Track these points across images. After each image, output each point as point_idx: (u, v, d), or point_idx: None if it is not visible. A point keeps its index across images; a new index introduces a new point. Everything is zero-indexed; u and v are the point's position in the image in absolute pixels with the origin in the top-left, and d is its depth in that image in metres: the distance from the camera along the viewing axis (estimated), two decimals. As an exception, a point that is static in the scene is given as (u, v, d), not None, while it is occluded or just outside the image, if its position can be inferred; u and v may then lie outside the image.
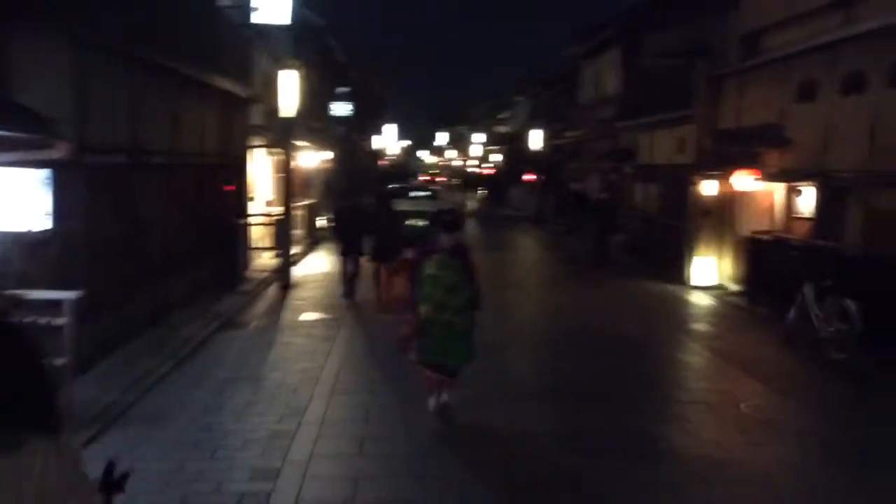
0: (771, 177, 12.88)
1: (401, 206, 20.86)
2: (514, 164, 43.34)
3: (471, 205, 39.60)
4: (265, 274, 15.19)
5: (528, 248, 23.13)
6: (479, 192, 46.75)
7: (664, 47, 22.14)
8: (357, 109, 38.22)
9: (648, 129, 20.76)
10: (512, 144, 47.49)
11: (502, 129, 61.02)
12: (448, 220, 7.10)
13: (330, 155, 27.72)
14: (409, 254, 8.29)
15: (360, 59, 44.58)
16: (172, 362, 8.70)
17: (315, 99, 27.24)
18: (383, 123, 55.39)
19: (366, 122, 45.44)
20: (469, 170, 66.86)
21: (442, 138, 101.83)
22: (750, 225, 14.04)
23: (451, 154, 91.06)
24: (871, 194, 10.46)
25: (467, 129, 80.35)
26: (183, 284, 11.70)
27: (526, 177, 37.51)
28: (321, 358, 9.18)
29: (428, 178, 62.29)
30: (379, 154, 55.18)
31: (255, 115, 16.65)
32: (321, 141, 26.91)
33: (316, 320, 11.45)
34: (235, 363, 8.90)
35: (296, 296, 13.51)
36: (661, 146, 19.63)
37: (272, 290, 14.01)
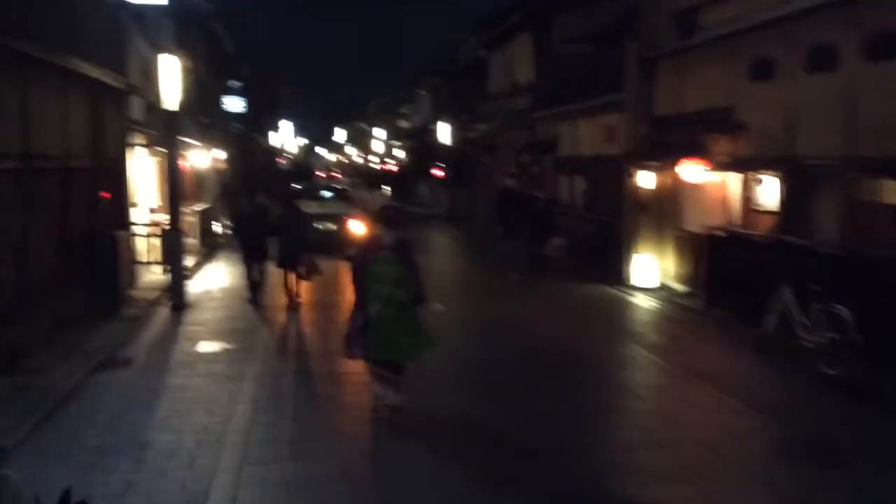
0: (723, 166, 11.69)
1: (308, 207, 18.95)
2: (420, 160, 41.76)
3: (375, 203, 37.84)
4: (155, 293, 13.07)
5: (448, 252, 21.53)
6: (382, 189, 44.96)
7: (577, 31, 21.03)
8: (251, 105, 35.81)
9: (569, 119, 19.51)
10: (416, 139, 45.89)
11: (404, 123, 59.36)
12: (390, 216, 7.18)
13: (224, 154, 25.41)
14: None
15: (251, 53, 42.15)
16: (28, 425, 6.68)
17: (205, 93, 24.89)
18: (279, 120, 52.89)
19: (261, 118, 42.94)
20: (371, 166, 64.94)
21: (340, 135, 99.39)
22: (697, 219, 12.87)
23: (351, 151, 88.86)
24: (849, 183, 9.32)
25: (367, 125, 78.31)
26: (46, 315, 9.56)
27: (434, 172, 35.97)
28: (225, 408, 7.31)
29: (324, 174, 60.08)
30: (277, 152, 52.65)
31: (135, 110, 14.44)
32: (214, 139, 24.60)
33: (217, 352, 9.51)
34: (112, 421, 6.93)
35: (191, 319, 11.49)
36: (585, 136, 18.40)
37: (162, 314, 11.93)
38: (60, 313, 9.97)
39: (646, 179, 14.06)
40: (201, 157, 20.68)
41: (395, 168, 53.53)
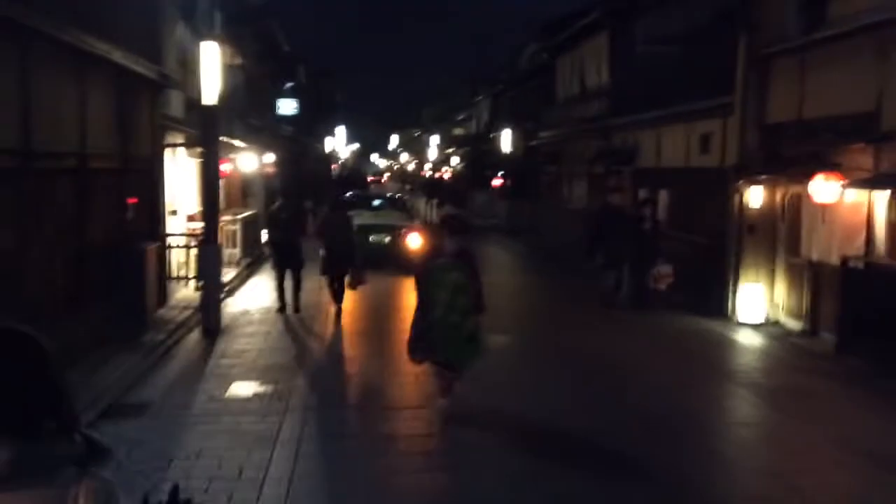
0: (866, 183, 9.63)
1: (360, 218, 17.27)
2: (477, 168, 39.98)
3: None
4: (187, 313, 11.47)
5: (512, 271, 19.56)
6: (437, 198, 43.21)
7: (665, 31, 19.03)
8: (305, 108, 34.43)
9: (652, 126, 17.51)
10: (473, 146, 44.13)
11: (459, 130, 57.69)
12: (454, 224, 7.59)
13: (274, 158, 23.93)
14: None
15: (306, 55, 40.85)
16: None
17: (255, 93, 23.46)
18: (334, 125, 51.65)
19: (315, 122, 41.63)
20: (425, 174, 63.41)
21: (394, 141, 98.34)
22: (822, 245, 10.81)
23: (404, 158, 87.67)
24: None
25: (421, 132, 76.91)
26: (55, 342, 7.95)
27: (493, 181, 34.10)
28: (250, 486, 5.56)
29: (373, 179, 58.76)
30: (330, 158, 51.37)
31: (174, 105, 12.91)
32: (264, 141, 23.14)
33: (249, 397, 7.79)
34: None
35: (224, 348, 9.81)
36: (672, 145, 16.37)
37: (192, 340, 10.30)
38: (69, 341, 8.36)
39: (755, 196, 12.02)
40: (249, 161, 19.16)
41: (449, 176, 51.85)
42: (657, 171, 17.08)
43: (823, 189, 9.91)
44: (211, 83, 10.37)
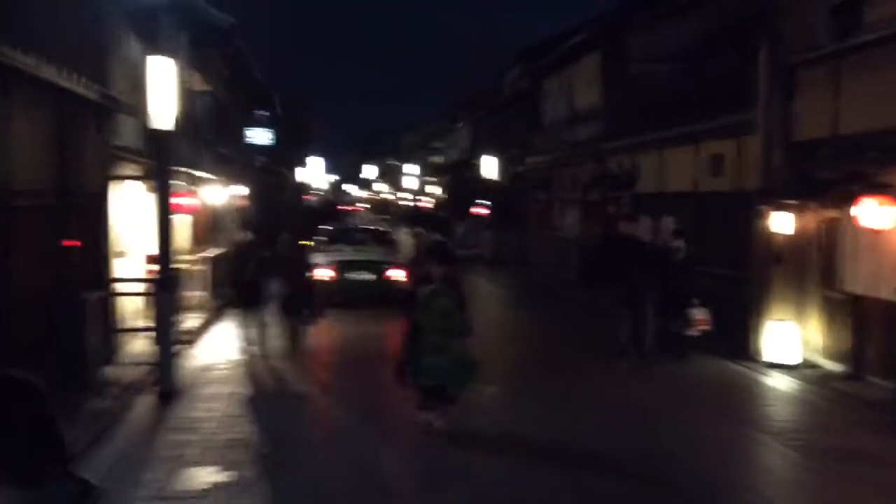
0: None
1: (341, 254, 15.81)
2: (458, 196, 38.65)
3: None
4: (141, 371, 9.90)
5: (501, 307, 18.15)
6: (415, 229, 41.80)
7: (655, 50, 17.91)
8: (280, 138, 33.02)
9: (652, 149, 16.26)
10: (453, 175, 42.85)
11: (438, 158, 56.46)
12: (440, 252, 8.06)
13: (245, 190, 22.44)
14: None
15: (281, 82, 39.60)
16: None
17: (227, 122, 22.00)
18: (308, 155, 50.21)
19: (290, 153, 40.19)
20: (403, 203, 62.06)
21: (370, 171, 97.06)
22: (871, 277, 9.48)
23: (381, 187, 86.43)
24: None
25: (398, 161, 75.64)
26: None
27: (475, 210, 32.75)
28: None
29: (345, 208, 57.18)
30: (305, 188, 49.90)
31: (125, 133, 11.43)
32: (235, 173, 21.65)
33: (205, 490, 6.24)
34: None
35: (179, 418, 8.24)
36: (678, 168, 15.10)
37: (143, 406, 8.73)
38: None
39: (784, 223, 10.70)
40: (218, 194, 17.66)
41: (429, 205, 50.53)
42: (660, 196, 15.78)
43: (874, 214, 8.60)
44: (164, 105, 8.90)
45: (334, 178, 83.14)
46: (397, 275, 15.40)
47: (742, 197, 12.25)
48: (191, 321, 13.21)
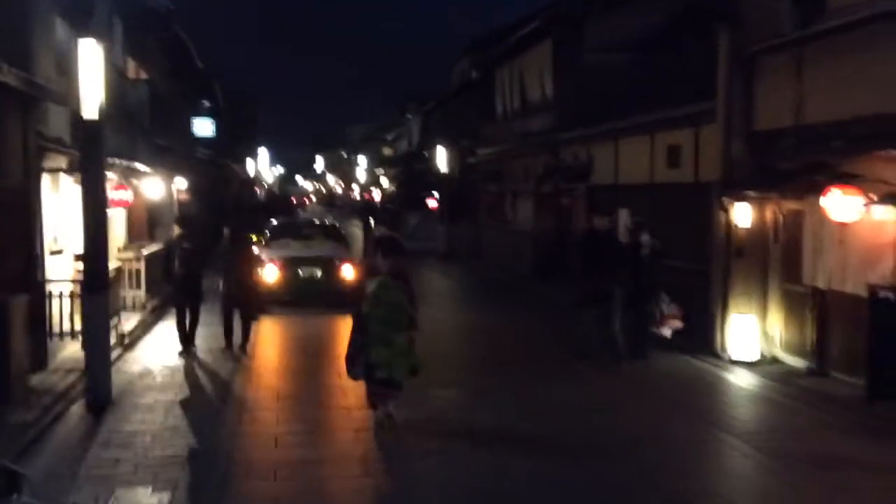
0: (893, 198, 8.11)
1: (288, 249, 15.22)
2: (409, 189, 38.10)
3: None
4: (73, 377, 9.22)
5: (456, 302, 17.68)
6: (368, 220, 41.08)
7: (608, 39, 17.64)
8: (224, 129, 32.08)
9: (607, 139, 15.96)
10: (404, 167, 42.29)
11: (388, 150, 55.84)
12: (388, 245, 8.15)
13: (185, 183, 21.59)
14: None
15: (225, 74, 38.56)
16: None
17: (166, 112, 21.07)
18: (255, 147, 49.15)
19: (236, 144, 39.14)
20: (353, 196, 61.31)
21: (320, 163, 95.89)
22: (835, 271, 9.26)
23: (330, 179, 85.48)
24: None
25: (348, 153, 74.72)
26: None
27: (427, 202, 32.24)
28: None
29: (296, 201, 56.23)
30: (253, 181, 48.81)
31: (53, 123, 10.65)
32: (176, 165, 20.79)
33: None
34: None
35: (111, 432, 7.58)
36: (633, 160, 14.82)
37: (74, 417, 8.07)
38: None
39: (744, 215, 10.45)
40: (155, 187, 16.84)
41: (381, 197, 49.89)
42: (616, 188, 15.50)
43: (841, 205, 8.35)
44: (91, 91, 8.22)
45: (281, 170, 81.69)
46: (347, 271, 14.84)
47: (701, 189, 12.00)
48: (128, 322, 12.49)
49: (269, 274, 14.66)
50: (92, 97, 8.25)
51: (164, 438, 7.30)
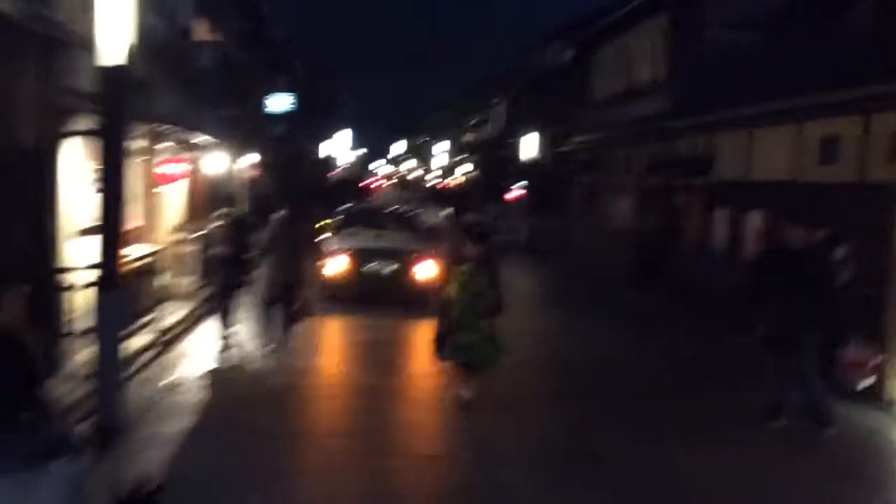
0: None
1: (356, 240, 13.35)
2: (491, 177, 36.03)
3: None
4: (88, 386, 7.47)
5: (549, 317, 15.04)
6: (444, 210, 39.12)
7: (735, 15, 15.22)
8: (302, 107, 30.53)
9: (739, 128, 13.52)
10: (487, 153, 40.19)
11: (470, 136, 53.80)
12: (477, 232, 8.46)
13: (256, 159, 19.96)
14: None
15: (305, 49, 37.15)
16: None
17: (237, 82, 19.51)
18: (334, 128, 47.73)
19: (313, 124, 37.66)
20: (432, 183, 59.57)
21: (399, 147, 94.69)
22: None
23: (409, 164, 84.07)
24: None
25: (429, 138, 73.03)
26: None
27: (513, 192, 30.10)
28: None
29: (373, 184, 54.62)
30: (329, 163, 47.45)
31: (83, 74, 8.93)
32: (245, 139, 19.18)
33: None
34: None
35: (112, 473, 5.77)
36: (774, 154, 12.39)
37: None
38: None
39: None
40: (221, 162, 15.17)
41: (460, 185, 47.94)
42: (746, 185, 13.09)
43: None
44: (114, 28, 6.38)
45: (361, 152, 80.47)
46: (425, 267, 12.85)
47: (869, 190, 9.62)
48: (173, 315, 10.80)
49: (335, 266, 12.83)
50: (115, 36, 6.40)
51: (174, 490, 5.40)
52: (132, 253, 10.01)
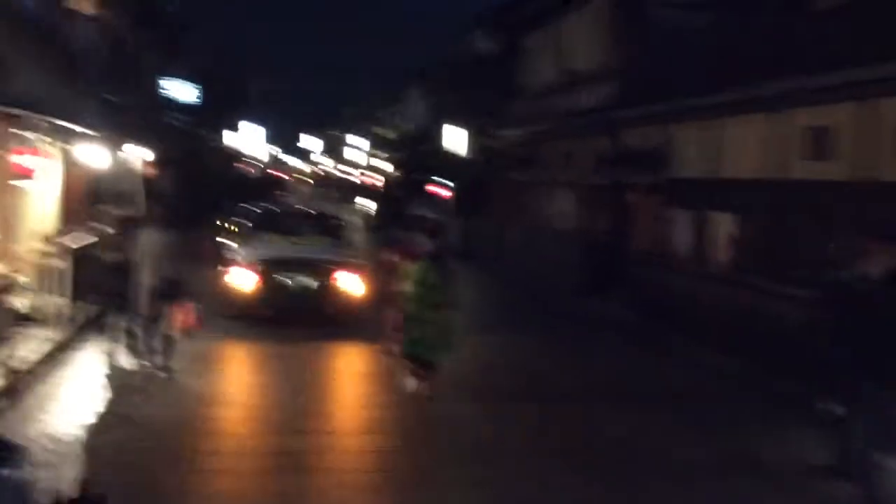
0: None
1: (272, 248, 11.29)
2: (413, 174, 34.14)
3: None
4: None
5: (493, 334, 13.35)
6: (358, 205, 37.00)
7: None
8: (204, 94, 27.97)
9: (706, 118, 12.01)
10: (408, 149, 38.27)
11: (384, 131, 51.73)
12: (430, 228, 9.43)
13: (150, 152, 17.54)
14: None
15: (204, 29, 34.45)
16: None
17: (125, 63, 17.02)
18: (239, 118, 44.88)
19: (216, 113, 34.87)
20: (349, 179, 57.28)
21: (310, 143, 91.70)
22: None
23: (324, 161, 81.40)
24: None
25: (341, 133, 70.50)
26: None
27: (434, 190, 28.29)
28: None
29: (282, 177, 51.99)
30: (234, 155, 44.59)
31: None
32: (135, 131, 16.72)
33: None
34: None
35: None
36: (748, 146, 10.93)
37: None
38: None
39: None
40: (100, 155, 12.76)
41: (379, 183, 45.97)
42: (714, 183, 11.61)
43: None
44: None
45: (271, 147, 77.19)
46: (351, 282, 10.87)
47: (870, 189, 8.24)
48: (29, 346, 8.53)
49: (242, 279, 10.73)
50: None
51: None
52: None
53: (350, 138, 62.54)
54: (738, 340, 9.81)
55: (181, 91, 26.04)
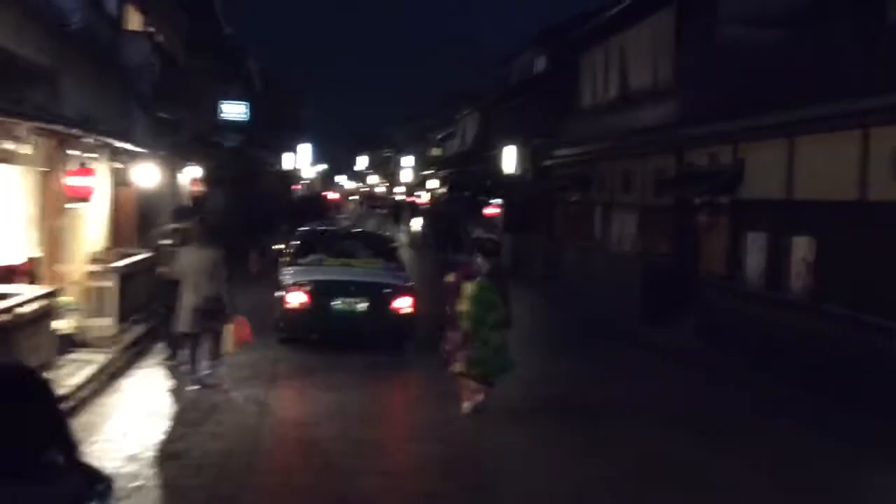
0: None
1: (320, 271, 10.95)
2: (465, 192, 33.75)
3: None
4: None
5: (550, 366, 12.68)
6: (412, 225, 36.74)
7: (752, 11, 13.20)
8: (259, 117, 28.02)
9: (777, 136, 11.34)
10: (458, 168, 37.95)
11: (437, 151, 51.56)
12: (489, 247, 8.55)
13: (200, 172, 17.44)
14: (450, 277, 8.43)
15: (260, 51, 34.66)
16: None
17: (179, 82, 16.98)
18: (294, 140, 45.09)
19: (272, 135, 35.06)
20: (397, 198, 57.21)
21: (362, 162, 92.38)
22: None
23: (373, 180, 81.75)
24: None
25: (393, 152, 70.75)
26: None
27: (485, 210, 27.80)
28: None
29: (334, 198, 52.04)
30: (291, 178, 44.82)
31: None
32: (187, 150, 16.64)
33: None
34: None
35: None
36: (825, 166, 10.25)
37: None
38: None
39: None
40: (152, 174, 12.61)
41: (427, 201, 45.69)
42: (787, 205, 10.94)
43: None
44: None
45: (323, 166, 77.67)
46: (401, 304, 10.46)
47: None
48: (79, 372, 8.27)
49: (292, 302, 10.41)
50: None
51: None
52: (23, 293, 7.59)
53: (402, 159, 62.65)
54: (819, 374, 9.12)
55: (236, 111, 26.10)
